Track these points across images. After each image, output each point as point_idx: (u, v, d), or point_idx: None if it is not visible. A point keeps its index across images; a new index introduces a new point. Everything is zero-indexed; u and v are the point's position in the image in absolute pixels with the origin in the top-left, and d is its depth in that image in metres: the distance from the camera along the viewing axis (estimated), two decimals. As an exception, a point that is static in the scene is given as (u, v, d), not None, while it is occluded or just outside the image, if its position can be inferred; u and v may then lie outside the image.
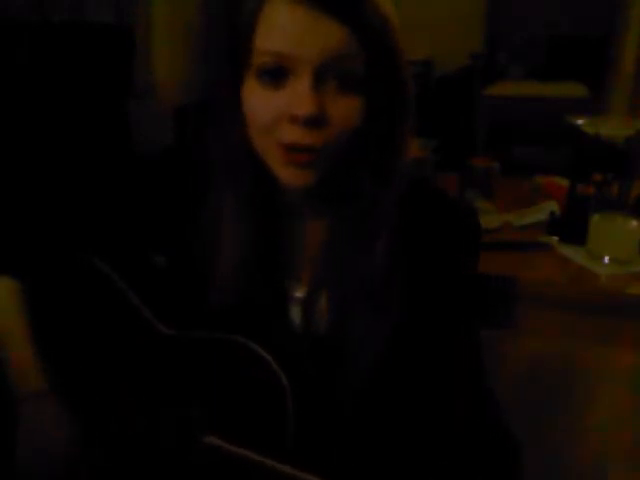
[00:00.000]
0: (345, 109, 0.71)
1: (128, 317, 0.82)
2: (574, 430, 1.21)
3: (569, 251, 1.32)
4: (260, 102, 0.72)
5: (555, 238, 1.37)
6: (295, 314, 0.82)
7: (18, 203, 0.96)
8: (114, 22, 3.02)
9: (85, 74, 2.46)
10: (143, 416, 0.81)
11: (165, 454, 0.80)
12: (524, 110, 3.40)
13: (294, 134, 0.70)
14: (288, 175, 0.73)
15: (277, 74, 0.70)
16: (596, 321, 1.20)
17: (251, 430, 0.74)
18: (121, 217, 0.87)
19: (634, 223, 1.27)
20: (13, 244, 0.87)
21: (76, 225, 0.88)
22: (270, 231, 0.80)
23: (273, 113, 0.71)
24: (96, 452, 0.82)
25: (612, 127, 1.52)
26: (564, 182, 1.53)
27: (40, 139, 2.30)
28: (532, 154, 3.24)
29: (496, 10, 3.91)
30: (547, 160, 2.89)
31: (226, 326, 0.78)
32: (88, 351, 0.85)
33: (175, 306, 0.83)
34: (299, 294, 0.82)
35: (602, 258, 1.27)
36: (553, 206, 1.46)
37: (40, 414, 0.81)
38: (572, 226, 1.35)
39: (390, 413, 0.81)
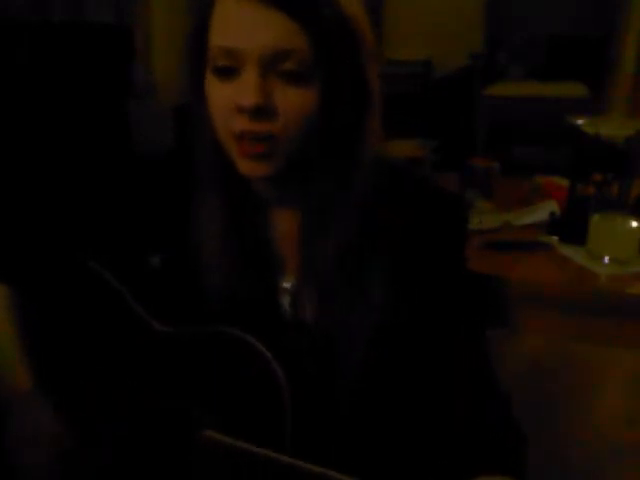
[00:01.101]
0: (294, 100, 0.72)
1: (122, 316, 0.82)
2: (574, 430, 1.21)
3: (569, 251, 1.32)
4: (215, 95, 0.74)
5: (555, 238, 1.37)
6: (284, 304, 0.82)
7: (16, 203, 0.96)
8: (114, 22, 3.02)
9: (85, 74, 2.46)
10: (141, 412, 0.81)
11: (164, 449, 0.80)
12: (524, 110, 3.40)
13: (242, 123, 0.72)
14: (245, 166, 0.75)
15: (228, 69, 0.72)
16: (596, 321, 1.20)
17: (249, 423, 0.74)
18: (121, 217, 0.88)
19: (634, 223, 1.27)
20: (9, 244, 0.87)
21: (75, 225, 0.88)
22: (248, 223, 0.81)
23: (224, 104, 0.73)
24: (94, 450, 0.82)
25: (612, 127, 1.52)
26: (564, 182, 1.53)
27: (40, 139, 2.30)
28: (532, 154, 3.25)
29: (496, 10, 3.91)
30: (547, 160, 2.89)
31: (218, 322, 0.78)
32: (83, 350, 0.85)
33: (170, 305, 0.83)
34: (287, 285, 0.82)
35: (602, 258, 1.27)
36: (553, 206, 1.46)
37: (32, 413, 0.81)
38: (572, 226, 1.35)
39: (386, 406, 0.82)
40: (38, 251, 0.87)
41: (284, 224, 0.83)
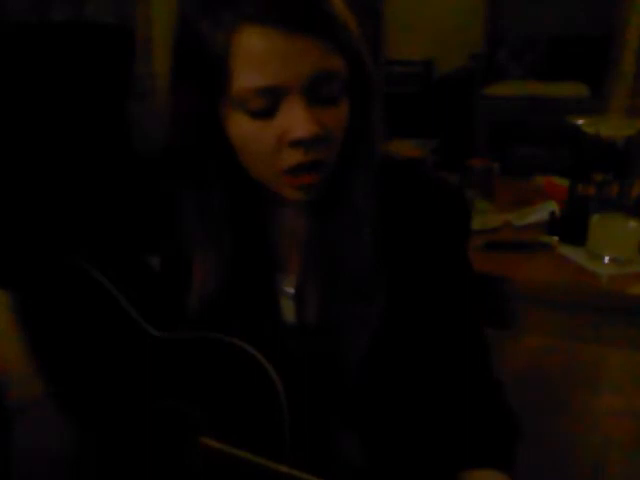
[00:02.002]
0: (336, 121, 0.71)
1: (118, 320, 0.82)
2: (574, 429, 1.21)
3: (569, 251, 1.32)
4: (253, 134, 0.70)
5: (555, 238, 1.37)
6: (285, 307, 0.82)
7: (14, 202, 0.96)
8: (114, 22, 3.01)
9: (85, 74, 2.46)
10: (138, 418, 0.81)
11: (162, 455, 0.80)
12: (524, 110, 3.40)
13: (297, 156, 0.70)
14: (294, 195, 0.74)
15: (266, 110, 0.68)
16: (596, 321, 1.20)
17: (247, 429, 0.74)
18: (119, 217, 0.87)
19: (634, 223, 1.27)
20: (4, 245, 0.87)
21: (73, 225, 0.88)
22: (252, 224, 0.80)
23: (271, 142, 0.70)
24: (94, 453, 0.82)
25: (612, 127, 1.52)
26: (564, 182, 1.53)
27: (40, 139, 2.30)
28: (532, 154, 3.24)
29: (496, 10, 3.90)
30: (547, 160, 2.89)
31: (218, 325, 0.77)
32: (81, 355, 0.84)
33: (167, 307, 0.83)
34: (288, 286, 0.82)
35: (602, 258, 1.27)
36: (553, 206, 1.45)
37: (40, 420, 0.81)
38: (572, 226, 1.35)
39: (388, 407, 0.82)
40: (35, 253, 0.87)
41: (288, 224, 0.83)
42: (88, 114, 2.48)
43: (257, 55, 0.66)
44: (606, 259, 1.27)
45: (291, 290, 0.82)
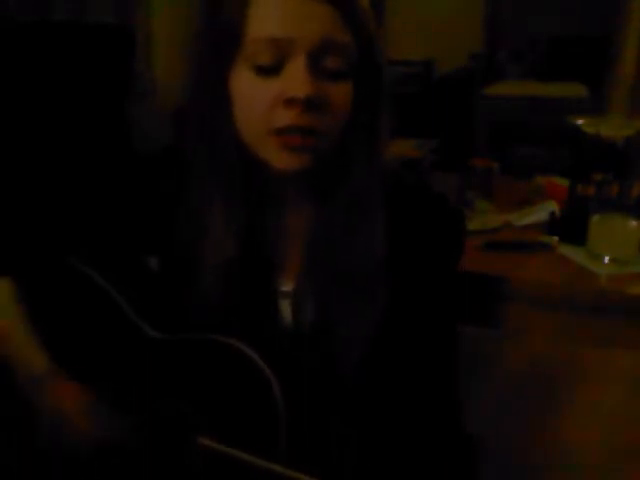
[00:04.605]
0: (338, 96, 0.73)
1: (115, 321, 0.82)
2: (574, 430, 1.21)
3: (569, 251, 1.32)
4: (254, 90, 0.72)
5: (555, 238, 1.37)
6: (284, 308, 0.82)
7: (15, 202, 0.96)
8: (114, 22, 3.01)
9: (85, 74, 2.46)
10: (135, 417, 0.81)
11: (159, 455, 0.79)
12: (524, 110, 3.40)
13: (289, 117, 0.71)
14: (282, 159, 0.73)
15: (271, 67, 0.71)
16: (596, 321, 1.20)
17: (243, 430, 0.74)
18: (118, 217, 0.87)
19: (634, 223, 1.27)
20: (6, 246, 0.87)
21: (72, 225, 0.87)
22: (256, 224, 0.80)
23: (268, 99, 0.71)
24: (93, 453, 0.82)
25: (612, 127, 1.52)
26: (564, 182, 1.53)
27: (39, 140, 2.30)
28: (532, 154, 3.24)
29: (496, 10, 3.91)
30: (547, 160, 2.89)
31: (216, 326, 0.77)
32: (78, 356, 0.84)
33: (166, 307, 0.83)
34: (286, 288, 0.82)
35: (602, 258, 1.27)
36: (553, 206, 1.46)
37: (56, 392, 0.81)
38: (572, 226, 1.35)
39: (383, 407, 0.82)
40: (33, 253, 0.87)
41: (291, 225, 0.83)
42: (88, 114, 2.47)
43: (273, 8, 0.70)
44: (606, 259, 1.27)
45: (289, 290, 0.82)
